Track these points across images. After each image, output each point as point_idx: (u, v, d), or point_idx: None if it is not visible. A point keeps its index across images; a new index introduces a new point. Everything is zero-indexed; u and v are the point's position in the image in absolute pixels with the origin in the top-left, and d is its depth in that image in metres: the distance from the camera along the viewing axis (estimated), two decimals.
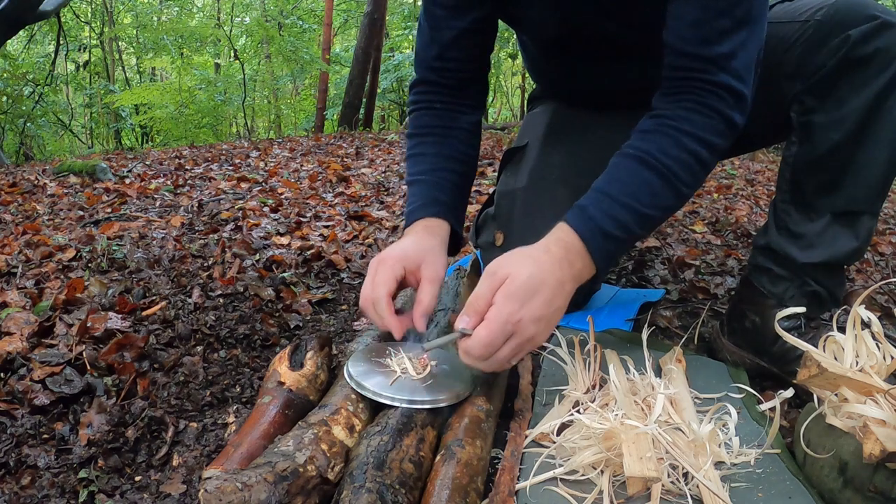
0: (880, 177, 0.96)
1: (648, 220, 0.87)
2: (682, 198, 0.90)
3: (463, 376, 0.89)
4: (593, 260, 0.84)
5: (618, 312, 1.28)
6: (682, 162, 0.86)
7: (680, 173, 0.86)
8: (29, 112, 7.98)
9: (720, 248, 1.91)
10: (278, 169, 3.42)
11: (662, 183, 0.86)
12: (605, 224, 0.84)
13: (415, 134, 1.11)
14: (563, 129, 1.29)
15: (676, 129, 0.86)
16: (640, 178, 0.86)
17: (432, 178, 1.04)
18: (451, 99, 1.10)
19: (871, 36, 0.90)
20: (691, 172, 0.87)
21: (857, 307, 0.78)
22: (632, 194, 0.85)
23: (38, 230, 1.93)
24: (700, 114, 0.86)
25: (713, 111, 0.86)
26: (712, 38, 0.85)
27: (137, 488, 0.78)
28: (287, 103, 13.16)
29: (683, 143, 0.86)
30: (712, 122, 0.86)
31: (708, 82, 0.86)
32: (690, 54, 0.87)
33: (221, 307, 1.29)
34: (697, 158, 0.87)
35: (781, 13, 1.02)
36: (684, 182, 0.87)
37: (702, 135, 0.86)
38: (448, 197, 1.04)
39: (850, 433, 0.72)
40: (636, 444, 0.72)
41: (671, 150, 0.86)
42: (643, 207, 0.86)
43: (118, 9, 12.13)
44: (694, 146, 0.86)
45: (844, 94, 0.93)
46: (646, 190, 0.86)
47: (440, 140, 1.08)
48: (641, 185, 0.86)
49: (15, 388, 0.94)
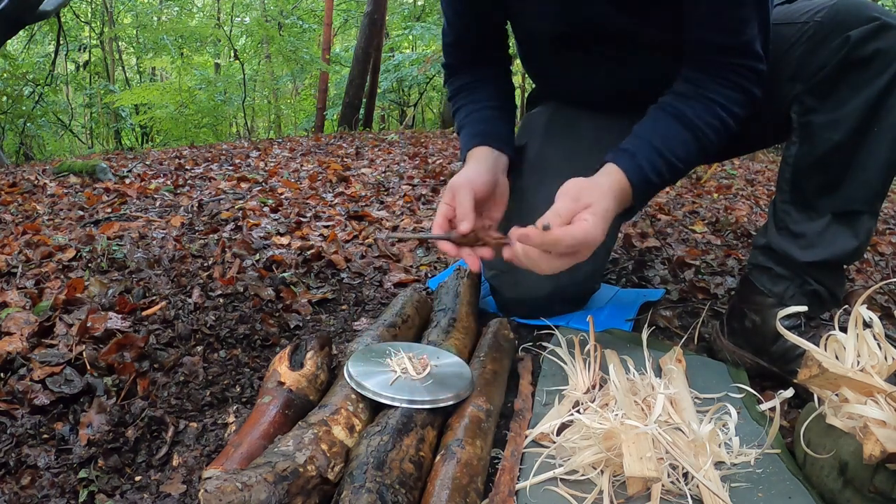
0: (880, 177, 0.96)
1: (678, 172, 1.01)
2: (707, 156, 1.05)
3: (463, 376, 0.89)
4: (634, 198, 0.96)
5: (618, 312, 1.28)
6: (712, 126, 0.98)
7: (710, 135, 0.98)
8: (29, 112, 7.98)
9: (720, 248, 1.91)
10: (278, 169, 3.42)
11: (696, 144, 0.98)
12: (650, 173, 0.96)
13: (451, 96, 1.29)
14: (562, 129, 1.30)
15: (710, 99, 0.98)
16: (679, 135, 0.98)
17: (470, 119, 1.20)
18: (473, 64, 1.26)
19: (870, 37, 0.91)
20: (717, 135, 0.99)
21: (858, 307, 0.78)
22: (671, 149, 0.97)
23: (38, 230, 1.93)
24: (729, 88, 0.98)
25: (738, 87, 0.98)
26: (734, 27, 0.94)
27: (137, 488, 0.78)
28: (287, 103, 13.17)
29: (715, 110, 0.98)
30: (738, 95, 0.98)
31: (735, 65, 0.97)
32: (718, 43, 0.97)
33: (221, 307, 1.29)
34: (723, 124, 0.99)
35: (782, 15, 1.03)
36: (711, 142, 0.99)
37: (729, 106, 0.98)
38: (484, 127, 1.18)
39: (850, 433, 0.72)
40: (636, 444, 0.72)
41: (704, 115, 0.98)
42: (677, 161, 0.98)
43: (118, 9, 12.13)
44: (722, 114, 0.98)
45: (844, 94, 0.94)
46: (682, 146, 0.98)
47: (470, 92, 1.24)
48: (680, 141, 0.98)
49: (15, 388, 0.94)
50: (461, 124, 1.21)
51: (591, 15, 1.08)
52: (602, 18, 1.07)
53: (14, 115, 7.75)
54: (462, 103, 1.24)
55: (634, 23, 1.06)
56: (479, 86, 1.24)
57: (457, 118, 1.25)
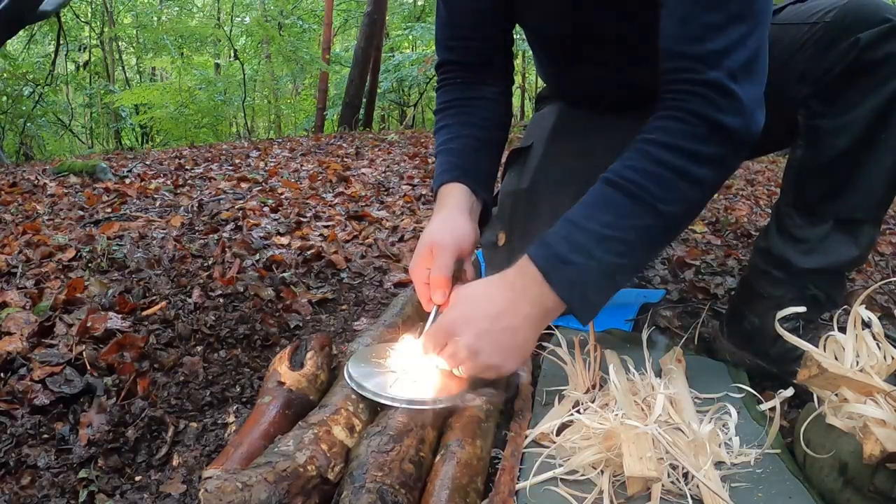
0: (885, 186, 0.94)
1: (617, 242, 0.78)
2: (665, 215, 0.79)
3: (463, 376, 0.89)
4: (553, 289, 0.78)
5: (618, 312, 1.28)
6: (651, 175, 0.78)
7: (650, 188, 0.77)
8: (29, 112, 7.98)
9: (720, 248, 1.91)
10: (278, 169, 3.42)
11: (630, 201, 0.78)
12: (560, 249, 0.78)
13: (438, 110, 1.12)
14: (569, 130, 1.28)
15: (646, 142, 0.80)
16: (603, 198, 0.80)
17: (451, 147, 1.05)
18: (471, 74, 1.10)
19: (881, 40, 0.87)
20: (667, 186, 0.78)
21: (857, 307, 0.78)
22: (592, 217, 0.79)
23: (38, 230, 1.93)
24: (676, 120, 0.78)
25: (692, 115, 0.77)
26: (700, 34, 0.77)
27: (137, 488, 0.78)
28: (287, 103, 13.15)
29: (652, 154, 0.78)
30: (690, 127, 0.77)
31: (693, 82, 0.77)
32: (677, 53, 0.79)
33: (221, 307, 1.29)
34: (674, 170, 0.77)
35: (791, 15, 1.00)
36: (659, 198, 0.77)
37: (678, 143, 0.77)
38: (464, 160, 1.03)
39: (850, 433, 0.72)
40: (636, 444, 0.72)
41: (638, 163, 0.79)
42: (605, 229, 0.78)
43: (118, 9, 12.11)
44: (667, 157, 0.77)
45: (852, 99, 0.91)
46: (610, 210, 0.79)
47: (459, 111, 1.08)
48: (605, 205, 0.79)
49: (15, 388, 0.94)
50: (441, 148, 1.06)
51: (592, 20, 1.05)
52: (604, 22, 1.04)
53: (14, 115, 7.75)
54: (447, 122, 1.08)
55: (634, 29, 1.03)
56: (471, 107, 1.08)
57: (437, 137, 1.08)
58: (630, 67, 1.12)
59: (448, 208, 0.96)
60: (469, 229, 0.94)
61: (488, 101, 1.10)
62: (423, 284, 0.90)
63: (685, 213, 0.83)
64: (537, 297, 0.79)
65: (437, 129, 1.10)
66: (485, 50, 1.10)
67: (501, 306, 0.79)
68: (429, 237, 0.91)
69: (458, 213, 0.95)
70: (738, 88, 0.76)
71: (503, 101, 1.13)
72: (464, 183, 0.99)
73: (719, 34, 0.76)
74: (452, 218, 0.94)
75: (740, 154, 0.82)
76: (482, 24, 1.07)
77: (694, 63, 0.78)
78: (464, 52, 1.10)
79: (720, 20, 0.76)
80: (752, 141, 0.80)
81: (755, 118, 0.79)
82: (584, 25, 1.07)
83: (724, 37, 0.76)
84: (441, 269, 0.87)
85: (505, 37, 1.12)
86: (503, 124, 1.12)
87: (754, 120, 0.79)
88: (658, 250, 1.07)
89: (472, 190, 1.00)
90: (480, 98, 1.09)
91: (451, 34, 1.10)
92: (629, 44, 1.07)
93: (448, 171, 1.01)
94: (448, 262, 0.88)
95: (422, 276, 0.90)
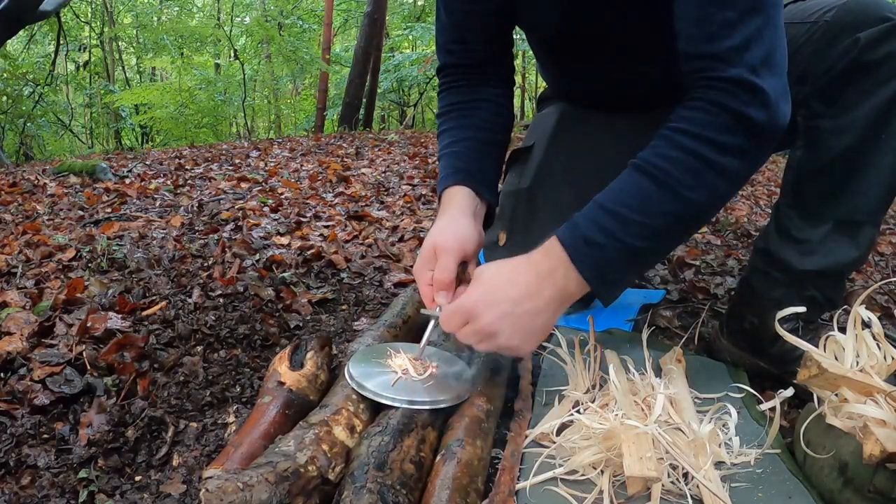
0: (885, 187, 0.94)
1: (643, 227, 0.80)
2: (690, 203, 0.80)
3: (463, 377, 0.89)
4: (578, 269, 0.80)
5: (618, 312, 1.28)
6: (677, 162, 0.79)
7: (676, 174, 0.79)
8: (29, 112, 7.97)
9: (720, 248, 1.91)
10: (278, 169, 3.42)
11: (656, 187, 0.80)
12: (588, 230, 0.80)
13: (441, 114, 1.12)
14: (570, 130, 1.28)
15: (673, 130, 0.81)
16: (631, 183, 0.82)
17: (454, 150, 1.05)
18: (472, 77, 1.11)
19: (881, 39, 0.87)
20: (693, 173, 0.79)
21: (857, 307, 0.78)
22: (620, 201, 0.81)
23: (38, 230, 1.93)
24: (702, 111, 0.79)
25: (717, 106, 0.78)
26: (717, 32, 0.78)
27: (137, 488, 0.78)
28: (287, 103, 13.15)
29: (679, 141, 0.80)
30: (716, 118, 0.78)
31: (716, 79, 0.79)
32: (697, 53, 0.81)
33: (221, 307, 1.29)
34: (699, 157, 0.79)
35: (791, 13, 0.99)
36: (685, 184, 0.79)
37: (703, 132, 0.79)
38: (467, 163, 1.03)
39: (850, 433, 0.72)
40: (636, 444, 0.72)
41: (665, 150, 0.80)
42: (632, 213, 0.80)
43: (118, 9, 12.12)
44: (692, 144, 0.79)
45: (852, 99, 0.90)
46: (636, 195, 0.80)
47: (461, 114, 1.09)
48: (632, 190, 0.81)
49: (15, 388, 0.94)
50: (444, 152, 1.06)
51: (592, 20, 1.04)
52: (604, 21, 1.04)
53: (14, 115, 7.74)
54: (449, 126, 1.09)
55: (635, 28, 1.02)
56: (472, 109, 1.09)
57: (440, 141, 1.09)
58: (631, 67, 1.12)
59: (452, 211, 0.97)
60: (473, 231, 0.94)
61: (490, 102, 1.10)
62: (427, 286, 0.90)
63: (710, 203, 0.84)
64: (561, 280, 0.80)
65: (440, 132, 1.11)
66: (485, 52, 1.10)
67: (525, 289, 0.80)
68: (432, 239, 0.91)
69: (462, 215, 0.96)
70: (761, 82, 0.77)
71: (505, 103, 1.13)
72: (467, 185, 1.00)
73: (735, 31, 0.77)
74: (456, 220, 0.95)
75: (766, 146, 0.82)
76: (481, 27, 1.08)
77: (714, 62, 0.79)
78: (464, 55, 1.10)
79: (734, 17, 0.77)
80: (778, 132, 0.80)
81: (781, 109, 0.79)
82: (584, 25, 1.07)
83: (740, 33, 0.77)
84: (444, 272, 0.87)
85: (505, 38, 1.12)
86: (505, 126, 1.12)
87: (780, 111, 0.79)
88: (682, 238, 1.08)
89: (476, 192, 1.00)
90: (482, 100, 1.10)
91: (450, 38, 1.10)
92: (630, 43, 1.07)
93: (451, 175, 1.02)
94: (451, 265, 0.88)
95: (425, 278, 0.90)
